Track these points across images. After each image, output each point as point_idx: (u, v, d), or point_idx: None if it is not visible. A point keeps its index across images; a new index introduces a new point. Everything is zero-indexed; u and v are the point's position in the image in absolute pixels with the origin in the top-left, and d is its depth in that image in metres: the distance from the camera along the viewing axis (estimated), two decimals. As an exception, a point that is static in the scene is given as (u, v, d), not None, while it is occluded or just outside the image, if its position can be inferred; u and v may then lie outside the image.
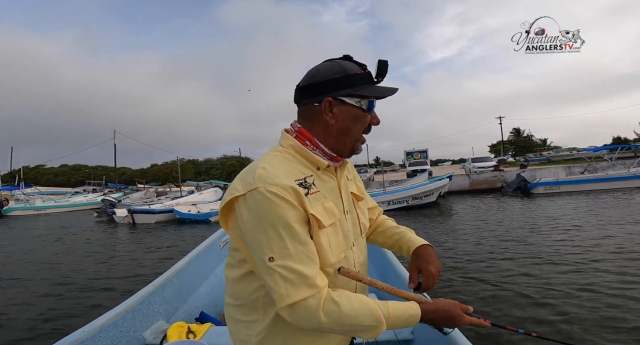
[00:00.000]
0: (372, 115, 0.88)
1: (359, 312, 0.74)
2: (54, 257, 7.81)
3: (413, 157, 28.74)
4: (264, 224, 0.74)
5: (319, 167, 0.86)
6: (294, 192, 0.77)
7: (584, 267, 4.66)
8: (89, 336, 1.49)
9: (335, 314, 0.73)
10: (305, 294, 0.73)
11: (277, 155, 0.84)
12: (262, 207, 0.75)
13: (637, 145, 21.24)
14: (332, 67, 0.84)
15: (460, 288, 4.27)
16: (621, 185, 14.53)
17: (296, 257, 0.74)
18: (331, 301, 0.74)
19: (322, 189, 0.84)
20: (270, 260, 0.74)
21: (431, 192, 13.64)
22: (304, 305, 0.73)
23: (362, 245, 0.97)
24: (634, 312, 3.29)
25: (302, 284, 0.73)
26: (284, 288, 0.73)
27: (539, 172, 17.82)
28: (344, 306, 0.74)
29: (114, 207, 16.22)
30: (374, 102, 0.86)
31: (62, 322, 3.95)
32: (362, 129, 0.88)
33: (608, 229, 7.00)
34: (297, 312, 0.73)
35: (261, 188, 0.75)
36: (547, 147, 48.67)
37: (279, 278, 0.73)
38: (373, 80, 0.86)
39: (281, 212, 0.74)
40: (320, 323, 0.73)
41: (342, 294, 0.77)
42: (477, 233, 7.65)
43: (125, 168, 66.35)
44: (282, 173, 0.78)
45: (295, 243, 0.75)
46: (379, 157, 61.03)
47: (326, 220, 0.81)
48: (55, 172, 64.86)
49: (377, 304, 0.77)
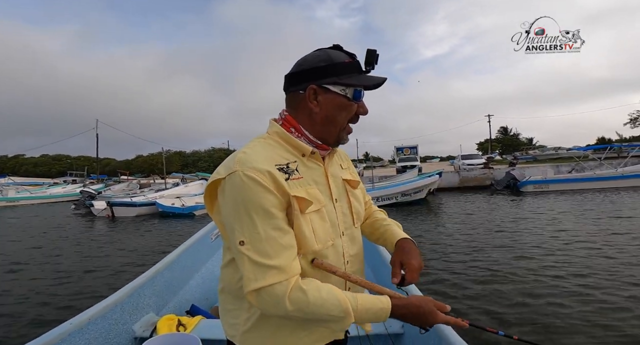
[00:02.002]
0: (359, 105, 0.87)
1: (326, 301, 0.74)
2: (16, 252, 7.28)
3: (403, 152, 28.57)
4: (238, 207, 0.75)
5: (304, 153, 0.86)
6: (271, 176, 0.76)
7: (571, 268, 4.56)
8: (77, 329, 1.46)
9: (301, 302, 0.73)
10: (272, 280, 0.72)
11: (261, 141, 0.86)
12: (238, 190, 0.75)
13: (623, 145, 21.52)
14: (319, 55, 0.84)
15: (445, 287, 4.17)
16: (610, 184, 14.64)
17: (266, 242, 0.74)
18: (299, 289, 0.74)
19: (306, 176, 0.84)
20: (241, 244, 0.75)
21: (421, 188, 13.44)
22: (270, 291, 0.73)
23: (354, 235, 0.95)
24: (617, 312, 3.29)
25: (270, 269, 0.73)
26: (252, 272, 0.73)
27: (528, 171, 17.84)
28: (311, 295, 0.73)
29: (93, 199, 15.61)
30: (360, 91, 0.85)
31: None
32: (348, 118, 0.87)
33: (598, 228, 6.89)
34: (263, 298, 0.73)
35: (239, 171, 0.76)
36: (533, 146, 49.44)
37: (247, 262, 0.74)
38: (361, 69, 0.85)
39: (255, 197, 0.74)
40: (286, 310, 0.73)
41: (311, 282, 0.76)
42: (466, 231, 7.45)
43: (109, 159, 64.83)
44: (262, 157, 0.79)
45: (268, 228, 0.74)
46: (368, 153, 61.20)
47: (309, 206, 0.80)
48: (35, 162, 62.86)
49: (346, 295, 0.76)
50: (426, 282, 4.26)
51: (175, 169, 47.17)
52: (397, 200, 13.15)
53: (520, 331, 3.01)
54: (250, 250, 0.74)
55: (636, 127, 41.87)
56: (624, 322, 3.09)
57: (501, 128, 57.77)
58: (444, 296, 3.86)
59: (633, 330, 2.94)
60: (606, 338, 2.86)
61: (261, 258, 0.73)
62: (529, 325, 3.15)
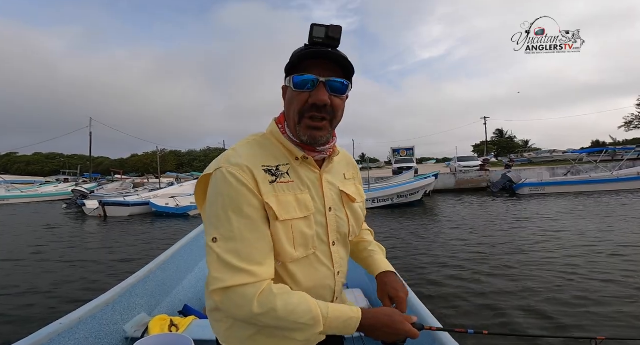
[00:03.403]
0: (310, 94, 0.78)
1: (296, 307, 0.70)
2: (3, 251, 7.05)
3: (399, 154, 28.50)
4: (217, 203, 0.73)
5: (297, 157, 0.83)
6: (250, 173, 0.75)
7: (566, 269, 4.53)
8: (67, 329, 1.43)
9: (270, 305, 0.69)
10: (241, 281, 0.69)
11: (256, 139, 0.85)
12: (219, 186, 0.74)
13: (617, 148, 21.63)
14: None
15: (439, 289, 4.07)
16: (606, 188, 14.67)
17: (240, 242, 0.72)
18: (269, 292, 0.71)
19: (298, 180, 0.81)
20: (214, 240, 0.73)
21: (417, 190, 13.37)
22: (239, 292, 0.70)
23: (345, 248, 0.92)
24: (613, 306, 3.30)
25: (240, 270, 0.70)
26: (220, 271, 0.71)
27: (524, 173, 17.85)
28: (282, 299, 0.70)
29: (85, 198, 15.39)
30: (302, 77, 0.77)
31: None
32: (298, 110, 0.79)
33: (594, 230, 6.82)
34: (230, 298, 0.70)
35: (223, 168, 0.75)
36: (528, 148, 49.72)
37: (217, 260, 0.71)
38: (312, 53, 0.78)
39: (235, 194, 0.73)
40: (253, 313, 0.69)
41: (283, 287, 0.74)
42: (461, 233, 7.36)
43: (103, 158, 64.30)
44: (249, 156, 0.77)
45: (243, 228, 0.72)
46: (364, 154, 61.18)
47: (291, 212, 0.77)
48: (28, 160, 62.14)
49: (317, 303, 0.73)
50: (418, 284, 4.16)
51: (171, 169, 46.88)
52: (393, 201, 13.06)
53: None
54: (221, 249, 0.71)
55: (631, 131, 42.20)
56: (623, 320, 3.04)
57: (497, 130, 58.04)
58: (438, 298, 3.78)
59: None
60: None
61: (232, 258, 0.70)
62: (525, 325, 3.10)
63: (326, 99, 0.77)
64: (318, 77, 0.76)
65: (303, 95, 0.78)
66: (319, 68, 0.77)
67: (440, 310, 3.47)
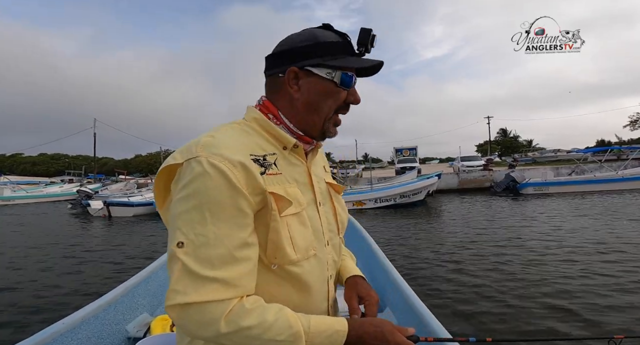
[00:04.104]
0: (349, 92, 0.75)
1: (274, 324, 0.61)
2: (9, 251, 7.14)
3: (402, 154, 28.49)
4: (189, 200, 0.61)
5: (286, 146, 0.74)
6: (243, 169, 0.64)
7: (568, 270, 4.48)
8: (69, 329, 1.42)
9: (241, 323, 0.59)
10: (209, 297, 0.58)
11: (235, 127, 0.73)
12: (195, 179, 0.61)
13: (622, 147, 21.47)
14: (303, 34, 0.74)
15: (441, 291, 4.05)
16: (610, 187, 14.57)
17: (214, 249, 0.60)
18: (240, 308, 0.60)
19: (285, 172, 0.72)
20: (179, 245, 0.60)
21: (419, 190, 13.35)
22: (203, 309, 0.58)
23: (338, 247, 0.84)
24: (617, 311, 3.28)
25: (210, 282, 0.59)
26: (181, 283, 0.59)
27: (527, 173, 17.76)
28: (255, 315, 0.60)
29: (90, 198, 15.50)
30: (351, 76, 0.73)
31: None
32: (335, 107, 0.74)
33: (597, 230, 6.79)
34: (190, 316, 0.59)
35: (202, 157, 0.62)
36: (532, 148, 49.44)
37: (181, 269, 0.59)
38: (353, 51, 0.73)
39: (216, 191, 0.61)
40: (219, 334, 0.59)
41: (257, 300, 0.63)
42: (464, 233, 7.34)
43: (107, 158, 64.74)
44: (234, 144, 0.66)
45: (221, 231, 0.61)
46: (367, 154, 61.15)
47: (288, 207, 0.68)
48: (33, 160, 62.69)
49: (297, 317, 0.64)
50: (421, 285, 4.16)
51: (174, 169, 46.91)
52: (395, 201, 13.05)
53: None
54: (188, 255, 0.59)
55: (636, 130, 41.89)
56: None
57: (500, 130, 57.80)
58: (439, 300, 3.76)
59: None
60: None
61: (200, 267, 0.59)
62: (532, 328, 3.07)
63: (360, 99, 0.76)
64: (355, 79, 0.75)
65: (344, 92, 0.74)
66: (354, 69, 0.74)
67: (442, 312, 3.45)
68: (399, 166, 24.26)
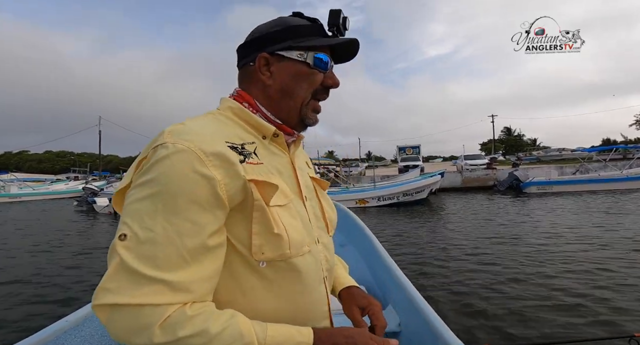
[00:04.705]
0: (326, 75, 0.71)
1: (221, 333, 0.52)
2: (16, 246, 7.26)
3: (405, 152, 28.45)
4: (144, 188, 0.54)
5: (265, 135, 0.69)
6: (217, 157, 0.57)
7: (572, 269, 4.44)
8: (73, 326, 1.41)
9: (178, 332, 0.50)
10: (146, 299, 0.50)
11: (209, 116, 0.67)
12: (156, 165, 0.55)
13: (628, 146, 21.31)
14: (272, 21, 0.71)
15: (444, 290, 4.03)
16: (615, 186, 14.48)
17: (162, 246, 0.52)
18: (180, 315, 0.52)
19: (267, 162, 0.66)
20: (121, 238, 0.53)
21: (422, 188, 13.36)
22: (137, 313, 0.50)
23: (329, 245, 0.78)
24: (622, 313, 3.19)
25: (152, 283, 0.51)
26: (116, 281, 0.51)
27: (531, 172, 17.71)
28: (197, 323, 0.52)
29: (96, 195, 15.66)
30: (324, 56, 0.69)
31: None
32: (311, 90, 0.70)
33: (601, 229, 6.77)
34: (121, 319, 0.51)
35: (168, 143, 0.56)
36: (536, 146, 49.14)
37: (118, 264, 0.52)
38: (325, 33, 0.71)
39: (176, 179, 0.53)
40: (151, 342, 0.50)
41: (203, 306, 0.54)
42: (466, 232, 7.36)
43: (112, 156, 65.14)
44: (208, 131, 0.60)
45: (172, 227, 0.52)
46: (370, 152, 61.08)
47: (273, 194, 0.61)
48: (39, 158, 63.29)
49: (252, 326, 0.55)
50: (424, 283, 4.21)
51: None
52: (398, 200, 13.08)
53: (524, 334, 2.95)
54: (129, 250, 0.52)
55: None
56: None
57: (505, 128, 57.48)
58: (442, 299, 3.79)
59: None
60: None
61: (141, 265, 0.51)
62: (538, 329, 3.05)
63: (339, 82, 0.73)
64: (331, 60, 0.72)
65: (319, 75, 0.70)
66: (327, 51, 0.72)
67: (445, 308, 3.47)
68: (402, 164, 24.24)
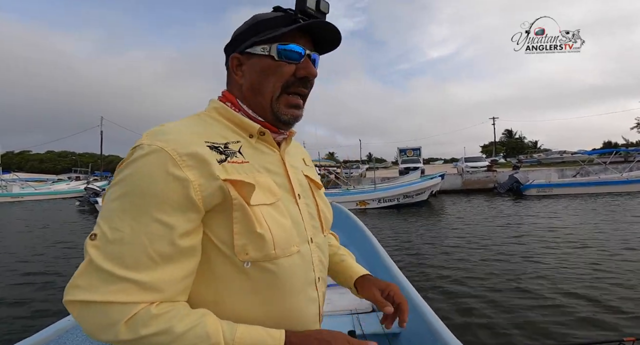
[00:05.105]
0: (298, 66, 0.67)
1: (187, 332, 0.52)
2: (18, 246, 7.32)
3: (406, 154, 28.48)
4: (116, 189, 0.56)
5: (251, 133, 0.68)
6: (193, 157, 0.57)
7: (569, 271, 4.49)
8: (75, 325, 1.41)
9: (141, 331, 0.51)
10: (113, 297, 0.51)
11: (193, 117, 0.68)
12: (129, 166, 0.56)
13: (630, 149, 21.31)
14: (247, 20, 0.71)
15: (444, 291, 4.07)
16: (614, 189, 14.50)
17: (129, 247, 0.52)
18: (145, 313, 0.52)
19: (254, 161, 0.66)
20: (92, 237, 0.54)
21: (423, 190, 13.41)
22: (105, 310, 0.51)
23: (324, 246, 0.76)
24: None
25: (119, 282, 0.51)
26: (86, 279, 0.52)
27: (532, 174, 17.72)
28: (161, 322, 0.52)
29: (98, 196, 15.72)
30: (293, 46, 0.66)
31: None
32: (280, 84, 0.67)
33: (598, 232, 6.81)
34: (90, 315, 0.52)
35: (144, 144, 0.57)
36: (538, 149, 49.10)
37: (87, 264, 0.53)
38: (292, 20, 0.66)
39: (146, 179, 0.54)
40: (117, 339, 0.52)
41: (171, 306, 0.55)
42: (465, 233, 7.40)
43: (113, 156, 65.23)
44: (186, 131, 0.61)
45: (140, 227, 0.53)
46: (371, 154, 61.11)
47: (258, 197, 0.61)
48: (41, 158, 63.48)
49: (221, 327, 0.54)
50: (423, 285, 4.25)
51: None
52: (399, 201, 13.12)
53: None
54: (98, 250, 0.53)
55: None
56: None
57: (506, 131, 57.41)
58: (441, 300, 3.82)
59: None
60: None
61: (110, 264, 0.52)
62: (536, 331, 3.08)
63: (316, 72, 0.69)
64: (305, 49, 0.67)
65: (288, 67, 0.66)
66: (304, 40, 0.68)
67: (443, 308, 3.50)
68: (403, 166, 24.27)
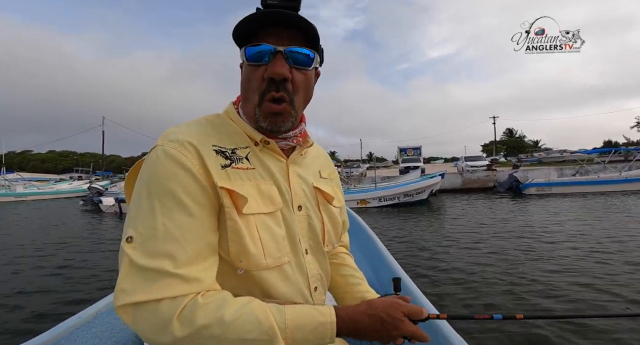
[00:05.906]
0: (267, 66, 0.63)
1: (237, 320, 0.52)
2: (23, 245, 7.47)
3: (406, 153, 28.57)
4: (141, 191, 0.57)
5: (256, 141, 0.69)
6: (197, 154, 0.59)
7: (568, 268, 4.55)
8: (84, 323, 1.46)
9: (198, 323, 0.51)
10: (160, 294, 0.51)
11: (208, 118, 0.70)
12: (150, 168, 0.58)
13: (630, 149, 21.38)
14: None
15: (444, 288, 4.13)
16: (613, 188, 14.57)
17: (165, 242, 0.54)
18: (193, 305, 0.52)
19: (260, 167, 0.66)
20: (128, 240, 0.55)
21: (423, 189, 13.51)
22: (155, 308, 0.51)
23: (322, 258, 0.75)
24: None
25: (161, 278, 0.52)
26: (129, 280, 0.53)
27: (531, 173, 17.82)
28: (210, 310, 0.52)
29: (101, 195, 15.82)
30: (262, 47, 0.63)
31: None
32: (257, 91, 0.65)
33: (596, 230, 6.90)
34: (143, 318, 0.52)
35: (159, 146, 0.60)
36: (538, 148, 49.12)
37: (128, 265, 0.53)
38: (269, 18, 0.63)
39: (167, 177, 0.56)
40: (174, 338, 0.51)
41: (215, 294, 0.55)
42: (465, 231, 7.50)
43: (115, 156, 65.38)
44: (197, 133, 0.63)
45: (173, 222, 0.55)
46: (372, 153, 61.19)
47: (252, 205, 0.61)
48: (43, 158, 63.63)
49: (269, 310, 0.55)
50: (425, 283, 4.36)
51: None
52: (399, 200, 13.24)
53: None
54: (136, 250, 0.53)
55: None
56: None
57: (507, 130, 57.50)
58: (443, 297, 3.89)
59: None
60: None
61: (149, 261, 0.52)
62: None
63: (285, 72, 0.62)
64: (275, 47, 0.62)
65: (260, 70, 0.63)
66: (275, 36, 0.63)
67: (446, 304, 3.58)
68: (403, 165, 24.37)
